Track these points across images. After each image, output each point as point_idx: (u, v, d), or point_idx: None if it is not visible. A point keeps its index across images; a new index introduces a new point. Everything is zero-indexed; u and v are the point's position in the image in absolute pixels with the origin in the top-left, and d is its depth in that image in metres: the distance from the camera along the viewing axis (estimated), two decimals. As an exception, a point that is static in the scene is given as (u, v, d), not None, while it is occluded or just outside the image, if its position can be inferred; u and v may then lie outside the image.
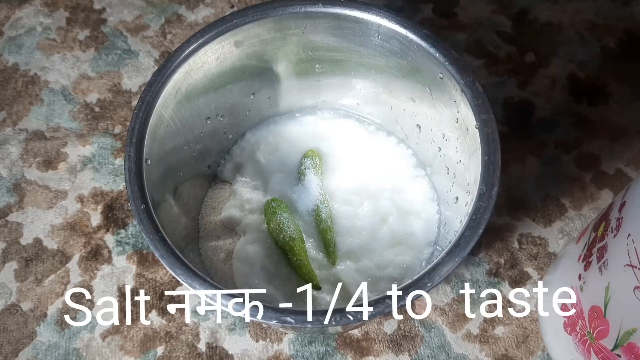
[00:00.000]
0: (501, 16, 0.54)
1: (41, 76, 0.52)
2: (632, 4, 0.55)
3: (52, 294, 0.43)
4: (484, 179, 0.32)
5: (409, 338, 0.42)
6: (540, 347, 0.41)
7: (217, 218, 0.43)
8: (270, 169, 0.44)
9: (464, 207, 0.35)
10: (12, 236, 0.45)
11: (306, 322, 0.28)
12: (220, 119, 0.42)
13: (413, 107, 0.41)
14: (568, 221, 0.45)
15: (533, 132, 0.49)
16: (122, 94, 0.51)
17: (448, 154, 0.39)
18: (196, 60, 0.36)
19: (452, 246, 0.30)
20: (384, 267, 0.40)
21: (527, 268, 0.44)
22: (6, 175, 0.47)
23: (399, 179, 0.44)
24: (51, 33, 0.54)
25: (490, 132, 0.33)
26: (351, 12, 0.37)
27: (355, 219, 0.42)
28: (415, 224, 0.42)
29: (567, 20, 0.54)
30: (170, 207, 0.37)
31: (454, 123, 0.37)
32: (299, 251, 0.39)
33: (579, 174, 0.47)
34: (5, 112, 0.50)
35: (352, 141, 0.45)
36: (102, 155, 0.48)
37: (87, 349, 0.41)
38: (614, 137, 0.49)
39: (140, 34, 0.54)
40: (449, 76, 0.35)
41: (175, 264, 0.30)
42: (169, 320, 0.42)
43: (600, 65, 0.52)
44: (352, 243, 0.41)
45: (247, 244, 0.41)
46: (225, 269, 0.41)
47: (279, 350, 0.41)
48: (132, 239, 0.45)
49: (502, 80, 0.51)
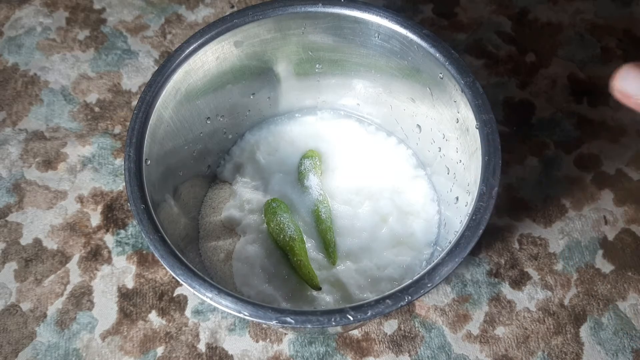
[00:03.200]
0: (501, 16, 0.54)
1: (41, 76, 0.52)
2: (632, 4, 0.55)
3: (52, 294, 0.43)
4: (484, 179, 0.32)
5: (409, 338, 0.42)
6: (540, 348, 0.41)
7: (217, 218, 0.43)
8: (270, 169, 0.44)
9: (464, 207, 0.35)
10: (12, 236, 0.45)
11: (306, 322, 0.28)
12: (220, 119, 0.42)
13: (413, 107, 0.41)
14: (568, 221, 0.45)
15: (533, 132, 0.49)
16: (122, 94, 0.51)
17: (448, 154, 0.39)
18: (196, 60, 0.36)
19: (452, 246, 0.30)
20: (384, 267, 0.40)
21: (528, 268, 0.44)
22: (6, 176, 0.47)
23: (399, 179, 0.43)
24: (51, 33, 0.54)
25: (490, 132, 0.33)
26: (351, 12, 0.37)
27: (355, 219, 0.42)
28: (416, 224, 0.42)
29: (567, 21, 0.54)
30: (170, 207, 0.37)
31: (454, 123, 0.37)
32: (299, 251, 0.39)
33: (579, 174, 0.47)
34: (5, 112, 0.50)
35: (352, 141, 0.45)
36: (102, 156, 0.48)
37: (86, 349, 0.41)
38: (614, 137, 0.49)
39: (140, 34, 0.54)
40: (449, 76, 0.35)
41: (175, 264, 0.30)
42: (169, 320, 0.42)
43: (600, 65, 0.52)
44: (352, 243, 0.41)
45: (247, 244, 0.41)
46: (225, 269, 0.41)
47: (279, 351, 0.41)
48: (132, 239, 0.45)
49: (502, 80, 0.51)
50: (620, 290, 0.43)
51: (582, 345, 0.41)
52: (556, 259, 0.44)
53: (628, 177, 0.47)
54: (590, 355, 0.41)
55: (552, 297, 0.43)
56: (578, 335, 0.42)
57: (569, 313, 0.42)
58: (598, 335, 0.42)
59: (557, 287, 0.43)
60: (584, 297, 0.43)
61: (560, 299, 0.43)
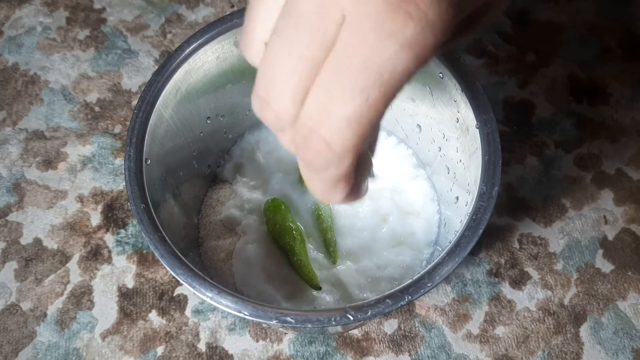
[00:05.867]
0: (501, 16, 0.54)
1: (41, 76, 0.52)
2: (632, 4, 0.55)
3: (52, 293, 0.43)
4: (484, 179, 0.32)
5: (409, 338, 0.42)
6: (540, 347, 0.41)
7: (217, 218, 0.43)
8: (270, 169, 0.44)
9: (464, 207, 0.35)
10: (12, 236, 0.45)
11: (306, 322, 0.28)
12: (220, 119, 0.42)
13: (413, 107, 0.41)
14: (568, 221, 0.45)
15: (533, 132, 0.49)
16: (122, 93, 0.51)
17: (448, 153, 0.39)
18: (196, 60, 0.36)
19: (453, 246, 0.30)
20: (384, 267, 0.40)
21: (528, 268, 0.44)
22: (6, 175, 0.47)
23: (399, 179, 0.43)
24: (51, 33, 0.54)
25: (490, 132, 0.33)
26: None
27: (355, 219, 0.42)
28: (416, 223, 0.42)
29: (567, 20, 0.54)
30: (170, 207, 0.37)
31: (454, 123, 0.37)
32: (299, 251, 0.39)
33: (579, 174, 0.47)
34: (5, 112, 0.50)
35: (352, 141, 0.45)
36: (102, 155, 0.48)
37: (87, 349, 0.41)
38: (614, 137, 0.49)
39: (140, 34, 0.54)
40: (449, 76, 0.35)
41: (175, 264, 0.30)
42: (169, 320, 0.42)
43: (600, 65, 0.52)
44: (353, 243, 0.41)
45: (247, 244, 0.41)
46: (225, 269, 0.41)
47: (279, 350, 0.41)
48: (132, 239, 0.45)
49: (502, 80, 0.51)
50: (620, 290, 0.43)
51: (582, 344, 0.41)
52: (556, 258, 0.44)
53: (628, 177, 0.47)
54: (590, 355, 0.41)
55: (552, 297, 0.43)
56: (578, 335, 0.42)
57: (569, 313, 0.42)
58: (598, 334, 0.42)
59: (557, 287, 0.43)
60: (584, 296, 0.43)
61: (560, 299, 0.43)
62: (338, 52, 0.17)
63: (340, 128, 0.17)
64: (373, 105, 0.17)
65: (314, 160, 0.19)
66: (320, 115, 0.18)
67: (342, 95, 0.17)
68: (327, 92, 0.17)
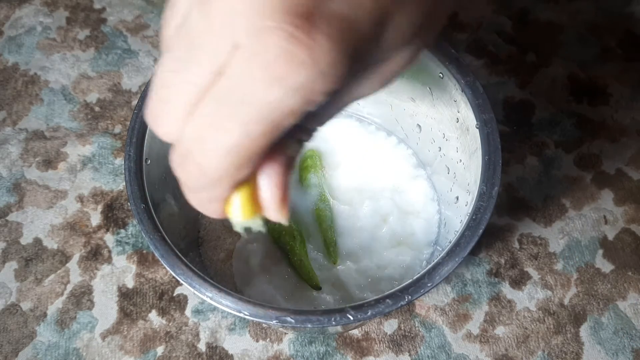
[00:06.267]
0: (501, 16, 0.54)
1: (41, 76, 0.52)
2: (632, 4, 0.55)
3: (52, 293, 0.43)
4: (484, 179, 0.32)
5: (409, 338, 0.42)
6: (540, 347, 0.41)
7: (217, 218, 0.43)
8: (270, 168, 0.44)
9: (464, 207, 0.35)
10: (12, 236, 0.45)
11: (306, 322, 0.28)
12: (220, 119, 0.42)
13: (413, 107, 0.41)
14: (568, 221, 0.45)
15: (533, 132, 0.49)
16: (122, 93, 0.51)
17: (448, 153, 0.39)
18: (196, 59, 0.36)
19: (453, 246, 0.30)
20: (384, 267, 0.40)
21: (528, 268, 0.44)
22: (6, 175, 0.47)
23: (399, 179, 0.43)
24: (51, 33, 0.54)
25: (490, 132, 0.33)
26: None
27: (355, 219, 0.42)
28: (416, 223, 0.42)
29: (567, 20, 0.54)
30: (171, 206, 0.37)
31: (455, 123, 0.37)
32: (299, 251, 0.39)
33: (579, 174, 0.47)
34: (5, 112, 0.50)
35: (352, 141, 0.45)
36: (102, 155, 0.48)
37: (87, 348, 0.41)
38: (614, 137, 0.49)
39: (140, 34, 0.53)
40: (450, 76, 0.35)
41: (175, 264, 0.30)
42: (169, 319, 0.42)
43: (600, 65, 0.52)
44: (353, 243, 0.41)
45: (247, 243, 0.41)
46: (225, 269, 0.41)
47: (279, 350, 0.41)
48: (132, 238, 0.45)
49: (502, 80, 0.51)
50: (620, 290, 0.43)
51: (582, 344, 0.41)
52: (556, 258, 0.44)
53: (628, 177, 0.47)
54: (590, 355, 0.41)
55: (552, 297, 0.43)
56: (578, 335, 0.42)
57: (569, 313, 0.42)
58: (598, 334, 0.42)
59: (557, 287, 0.43)
60: (584, 296, 0.43)
61: (560, 299, 0.43)
62: (225, 82, 0.17)
63: (217, 156, 0.17)
64: (255, 139, 0.17)
65: (186, 181, 0.19)
66: (198, 139, 0.17)
67: (222, 124, 0.17)
68: (209, 118, 0.17)
